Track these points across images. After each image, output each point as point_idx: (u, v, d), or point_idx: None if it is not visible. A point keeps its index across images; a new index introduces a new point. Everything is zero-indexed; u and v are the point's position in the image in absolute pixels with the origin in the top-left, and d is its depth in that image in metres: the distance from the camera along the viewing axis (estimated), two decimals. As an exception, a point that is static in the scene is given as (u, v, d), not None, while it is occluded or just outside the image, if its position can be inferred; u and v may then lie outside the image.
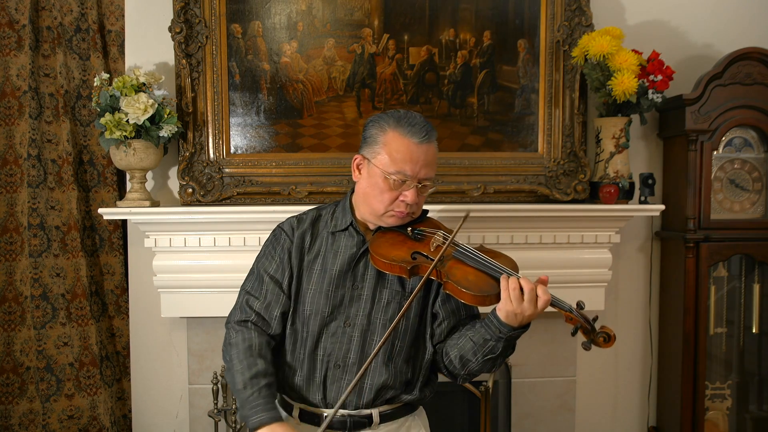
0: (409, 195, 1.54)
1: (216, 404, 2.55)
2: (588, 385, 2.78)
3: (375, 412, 1.58)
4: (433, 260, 1.51)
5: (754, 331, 2.68)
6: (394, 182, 1.54)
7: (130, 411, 2.72)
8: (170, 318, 2.59)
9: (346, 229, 1.64)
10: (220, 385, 2.55)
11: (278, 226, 1.70)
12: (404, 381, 1.60)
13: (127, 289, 2.67)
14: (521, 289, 1.43)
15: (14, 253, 2.64)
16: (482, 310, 1.61)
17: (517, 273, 1.53)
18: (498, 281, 1.49)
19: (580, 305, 1.48)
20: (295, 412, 1.61)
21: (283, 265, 1.62)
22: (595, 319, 1.48)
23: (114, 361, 2.74)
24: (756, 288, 2.65)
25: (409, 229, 1.61)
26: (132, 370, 2.66)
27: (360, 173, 1.63)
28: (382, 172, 1.54)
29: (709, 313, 2.60)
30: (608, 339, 1.46)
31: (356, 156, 1.64)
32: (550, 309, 1.49)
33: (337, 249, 1.62)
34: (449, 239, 1.52)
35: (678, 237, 2.59)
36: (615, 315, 2.78)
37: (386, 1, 2.53)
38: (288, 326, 1.62)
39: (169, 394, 2.65)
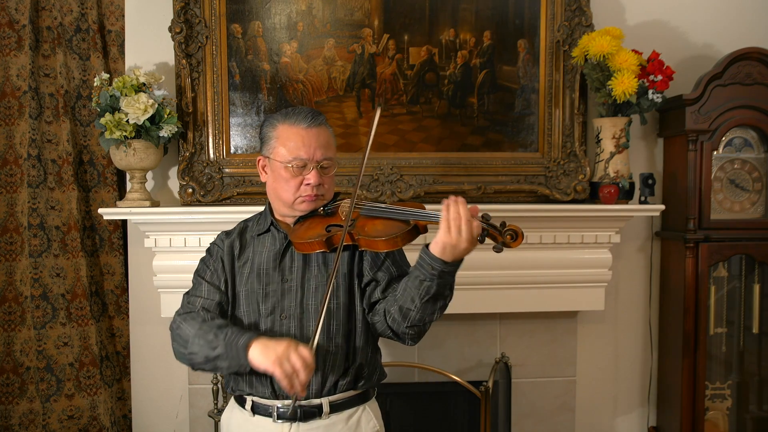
0: (311, 177, 1.63)
1: (216, 404, 2.55)
2: (588, 385, 2.78)
3: (325, 401, 1.61)
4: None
5: (754, 331, 2.68)
6: (295, 169, 1.62)
7: (130, 411, 2.72)
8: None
9: (268, 229, 1.72)
10: (220, 385, 2.55)
11: (211, 243, 1.78)
12: (346, 358, 1.63)
13: (127, 289, 2.67)
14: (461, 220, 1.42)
15: (14, 253, 2.64)
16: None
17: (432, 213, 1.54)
18: (406, 223, 1.53)
19: (485, 216, 1.48)
20: (248, 405, 1.65)
21: (217, 272, 1.70)
22: (503, 224, 1.46)
23: (114, 361, 2.74)
24: (756, 288, 2.65)
25: (321, 209, 1.69)
26: (132, 370, 2.66)
27: (266, 173, 1.72)
28: (282, 164, 1.63)
29: (709, 313, 2.60)
30: (516, 236, 1.43)
31: (258, 158, 1.73)
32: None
33: (263, 250, 1.69)
34: (352, 200, 1.58)
35: (678, 237, 2.59)
36: (615, 315, 2.78)
37: (386, 1, 2.53)
38: None
39: (169, 394, 2.65)
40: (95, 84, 2.37)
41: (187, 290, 1.74)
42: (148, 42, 2.54)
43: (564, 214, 2.47)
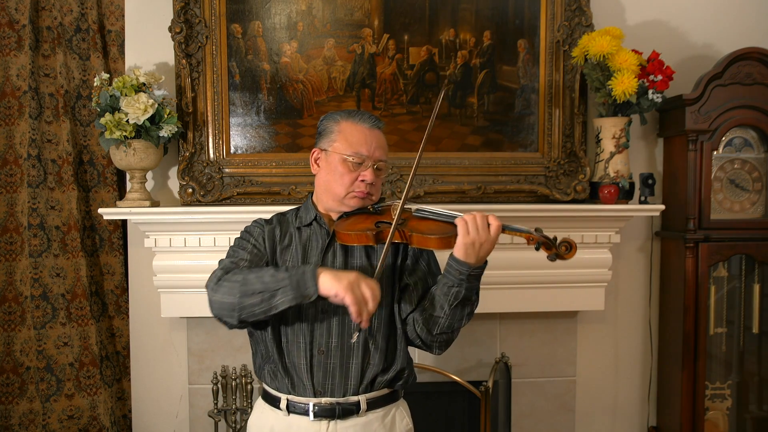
0: (367, 174, 1.65)
1: (216, 404, 2.55)
2: (588, 385, 2.78)
3: (362, 399, 1.62)
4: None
5: (754, 331, 2.68)
6: (352, 164, 1.65)
7: (130, 411, 2.72)
8: (170, 318, 2.59)
9: (311, 223, 1.72)
10: (219, 385, 2.55)
11: (247, 226, 1.76)
12: (385, 358, 1.65)
13: (127, 289, 2.67)
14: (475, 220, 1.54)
15: (14, 253, 2.64)
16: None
17: None
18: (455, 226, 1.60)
19: (537, 230, 1.56)
20: (283, 404, 1.63)
21: (258, 246, 1.68)
22: (555, 238, 1.55)
23: (114, 361, 2.74)
24: (756, 288, 2.65)
25: (370, 207, 1.71)
26: (132, 370, 2.66)
27: (318, 166, 1.73)
28: (341, 156, 1.65)
29: (709, 313, 2.60)
30: (570, 248, 1.53)
31: (313, 150, 1.74)
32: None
33: (305, 242, 1.69)
34: (403, 197, 1.62)
35: (678, 237, 2.59)
36: (615, 315, 2.78)
37: (386, 1, 2.53)
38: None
39: (169, 394, 2.65)
40: (95, 84, 2.37)
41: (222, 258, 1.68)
42: (148, 42, 2.54)
43: (564, 214, 2.47)
